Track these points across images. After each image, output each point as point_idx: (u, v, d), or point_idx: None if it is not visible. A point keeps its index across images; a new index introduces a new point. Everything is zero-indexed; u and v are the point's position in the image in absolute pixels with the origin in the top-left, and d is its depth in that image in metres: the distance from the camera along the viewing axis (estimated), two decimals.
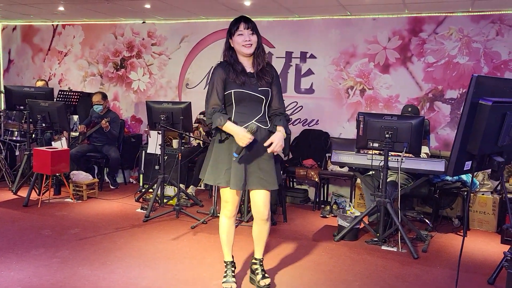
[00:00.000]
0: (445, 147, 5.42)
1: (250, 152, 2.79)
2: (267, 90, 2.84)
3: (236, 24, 2.79)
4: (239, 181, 2.77)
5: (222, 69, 2.81)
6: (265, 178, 2.81)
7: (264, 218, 2.93)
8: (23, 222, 4.33)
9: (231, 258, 3.05)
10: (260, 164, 2.81)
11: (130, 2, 5.72)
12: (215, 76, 2.81)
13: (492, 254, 4.01)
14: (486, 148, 1.98)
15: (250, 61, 2.85)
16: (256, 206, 2.93)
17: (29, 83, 7.52)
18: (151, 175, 5.84)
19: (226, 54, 2.85)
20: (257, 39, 2.80)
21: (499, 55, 5.23)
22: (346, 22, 5.87)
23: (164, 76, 6.93)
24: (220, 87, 2.79)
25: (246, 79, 2.80)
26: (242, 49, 2.79)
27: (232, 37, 2.81)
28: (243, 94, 2.78)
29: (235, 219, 3.04)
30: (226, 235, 2.99)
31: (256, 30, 2.81)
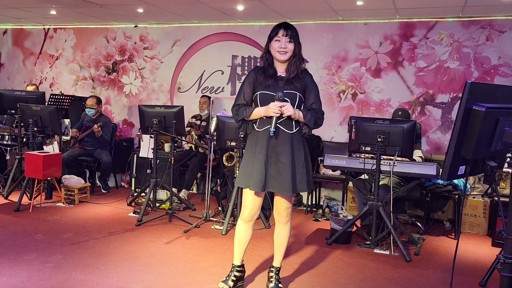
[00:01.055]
0: (436, 150, 5.48)
1: (272, 156, 2.81)
2: (294, 94, 2.81)
3: (276, 30, 2.82)
4: (258, 182, 2.79)
5: (254, 73, 2.88)
6: (281, 183, 2.81)
7: (284, 221, 2.97)
8: (14, 227, 4.29)
9: (239, 262, 3.04)
10: (279, 169, 2.81)
11: (122, 6, 5.71)
12: (246, 79, 2.90)
13: (483, 257, 4.06)
14: (479, 153, 2.01)
15: (285, 66, 2.87)
16: (277, 209, 2.97)
17: (20, 87, 7.46)
18: (143, 179, 5.82)
19: (264, 57, 2.89)
20: (293, 47, 2.82)
21: (489, 60, 5.31)
22: (338, 26, 5.91)
23: (156, 80, 6.92)
24: (248, 89, 2.87)
25: (273, 82, 2.82)
26: (276, 55, 2.82)
27: (271, 42, 2.84)
28: (267, 96, 2.80)
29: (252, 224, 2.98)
30: (239, 239, 2.99)
31: (295, 38, 2.83)
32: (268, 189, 2.84)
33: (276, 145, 2.81)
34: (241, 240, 2.99)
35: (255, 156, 2.83)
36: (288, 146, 2.81)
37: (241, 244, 3.00)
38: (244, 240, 2.99)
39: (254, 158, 2.83)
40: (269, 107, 2.73)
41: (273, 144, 2.81)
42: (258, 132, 2.85)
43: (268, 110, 2.74)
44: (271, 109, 2.72)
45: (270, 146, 2.81)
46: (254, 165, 2.81)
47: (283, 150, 2.80)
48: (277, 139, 2.79)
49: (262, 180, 2.79)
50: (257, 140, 2.85)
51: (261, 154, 2.81)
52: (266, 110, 2.75)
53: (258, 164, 2.80)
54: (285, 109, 2.71)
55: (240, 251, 3.02)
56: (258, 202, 2.93)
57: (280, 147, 2.80)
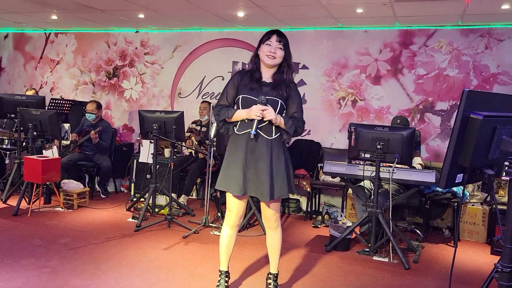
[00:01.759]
0: (435, 158, 5.48)
1: (251, 161, 2.81)
2: (277, 101, 2.81)
3: (269, 35, 2.82)
4: (237, 186, 2.79)
5: (239, 75, 2.88)
6: (260, 188, 2.80)
7: (273, 226, 2.96)
8: (12, 232, 4.28)
9: (226, 268, 3.04)
10: (258, 174, 2.81)
11: (124, 12, 5.74)
12: (231, 80, 2.90)
13: (482, 265, 4.05)
14: (477, 161, 2.01)
15: (271, 72, 2.88)
16: (265, 214, 2.96)
17: (20, 91, 7.47)
18: (142, 184, 5.82)
19: (252, 60, 2.90)
20: (283, 54, 2.82)
21: (488, 68, 5.33)
22: (338, 34, 5.94)
23: (157, 85, 6.94)
24: (232, 91, 2.87)
25: (258, 86, 2.82)
26: (264, 58, 2.82)
27: (261, 45, 2.84)
28: (249, 100, 2.79)
29: (238, 229, 3.01)
30: (225, 244, 2.98)
31: (286, 46, 2.83)
32: (248, 193, 2.84)
33: (255, 149, 2.80)
34: (228, 246, 2.98)
35: (235, 159, 2.83)
36: (267, 151, 2.79)
37: (228, 249, 2.99)
38: (231, 245, 2.99)
39: (234, 161, 2.83)
40: (251, 109, 2.73)
41: (252, 148, 2.80)
42: (238, 135, 2.85)
43: (250, 112, 2.74)
44: (253, 112, 2.71)
45: (249, 151, 2.80)
46: (235, 169, 2.81)
47: (261, 156, 2.79)
48: (256, 144, 2.78)
49: (241, 184, 2.78)
50: (236, 144, 2.84)
51: (240, 158, 2.80)
52: (248, 112, 2.75)
53: (237, 168, 2.80)
54: (266, 113, 2.71)
55: (227, 256, 3.02)
56: (243, 206, 2.94)
57: (258, 152, 2.80)
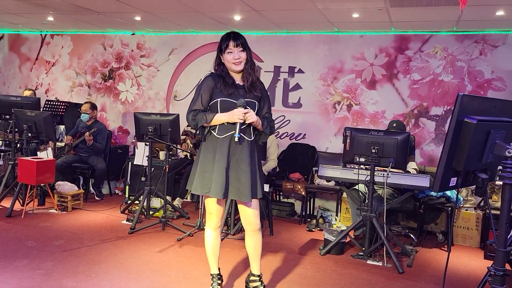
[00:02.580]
0: (430, 162, 5.51)
1: (235, 162, 2.82)
2: (254, 103, 2.87)
3: (226, 42, 2.82)
4: (219, 189, 2.79)
5: (212, 79, 2.86)
6: (241, 189, 2.82)
7: (255, 228, 2.96)
8: (6, 233, 4.25)
9: (217, 270, 3.05)
10: (239, 175, 2.83)
11: (120, 14, 5.74)
12: (203, 85, 2.87)
13: (475, 269, 4.06)
14: (470, 165, 2.03)
15: (240, 75, 2.90)
16: (246, 216, 2.95)
17: (15, 92, 7.45)
18: (137, 187, 5.81)
19: (217, 69, 2.89)
20: (246, 55, 2.84)
21: (482, 74, 5.37)
22: (334, 38, 5.97)
23: (153, 88, 6.93)
24: (206, 95, 2.85)
25: (234, 90, 2.84)
26: (232, 66, 2.84)
27: (223, 54, 2.84)
28: (229, 103, 2.81)
29: (221, 231, 3.04)
30: (212, 247, 2.99)
31: (245, 46, 2.85)
32: (229, 196, 2.84)
33: (236, 152, 2.82)
34: (214, 249, 3.00)
35: (215, 163, 2.82)
36: (247, 153, 2.84)
37: (214, 252, 3.00)
38: (217, 247, 3.01)
39: (213, 165, 2.82)
40: (234, 113, 2.74)
41: (233, 151, 2.82)
42: (218, 139, 2.84)
43: (232, 116, 2.75)
44: (235, 115, 2.73)
45: (231, 153, 2.82)
46: (214, 172, 2.80)
47: (242, 157, 2.82)
48: (237, 146, 2.80)
49: (223, 187, 2.79)
50: (215, 147, 2.83)
51: (222, 161, 2.80)
52: (230, 116, 2.76)
53: (219, 171, 2.80)
54: (248, 115, 2.74)
55: (216, 259, 3.03)
56: (223, 208, 2.97)
57: (239, 154, 2.82)
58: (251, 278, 3.09)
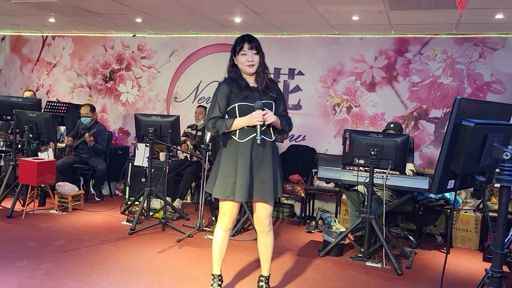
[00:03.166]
0: (429, 165, 5.53)
1: (258, 164, 2.85)
2: (271, 103, 2.88)
3: (241, 44, 2.84)
4: (244, 193, 2.81)
5: (226, 85, 2.89)
6: (264, 190, 2.85)
7: (266, 230, 2.99)
8: (6, 233, 4.27)
9: (219, 271, 3.06)
10: (262, 176, 2.85)
11: (121, 16, 5.77)
12: (218, 92, 2.89)
13: (474, 272, 4.08)
14: (468, 168, 2.05)
15: (253, 78, 2.92)
16: (258, 218, 2.99)
17: (16, 93, 7.47)
18: (137, 188, 5.82)
19: (230, 71, 2.92)
20: (259, 59, 2.87)
21: (481, 77, 5.39)
22: (334, 40, 5.99)
23: (153, 89, 6.96)
24: (222, 102, 2.87)
25: (250, 93, 2.86)
26: (245, 69, 2.87)
27: (236, 56, 2.87)
28: (247, 107, 2.83)
29: (230, 233, 3.05)
30: (219, 247, 3.00)
31: (259, 49, 2.87)
32: (253, 198, 2.87)
33: (258, 154, 2.84)
34: (221, 249, 3.01)
35: (238, 167, 2.83)
36: (269, 153, 2.87)
37: (221, 252, 3.02)
38: (224, 248, 3.02)
39: (236, 169, 2.84)
40: (252, 116, 2.76)
41: (255, 153, 2.84)
42: (239, 143, 2.85)
43: (251, 119, 2.77)
44: (255, 118, 2.75)
45: (253, 156, 2.84)
46: (238, 176, 2.82)
47: (265, 158, 2.85)
48: (259, 148, 2.82)
49: (247, 190, 2.81)
50: (237, 151, 2.85)
51: (246, 164, 2.82)
52: (249, 119, 2.78)
53: (243, 174, 2.81)
54: (267, 116, 2.76)
55: (220, 260, 3.04)
56: (237, 209, 2.97)
57: (261, 156, 2.85)
58: (260, 278, 3.14)
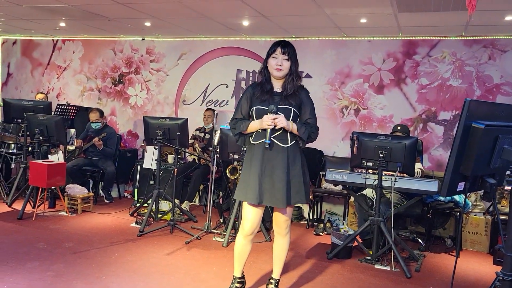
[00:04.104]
0: (438, 167, 5.50)
1: (267, 169, 2.85)
2: (289, 109, 2.87)
3: (274, 47, 2.89)
4: (254, 195, 2.83)
5: (252, 88, 2.96)
6: (276, 195, 2.85)
7: (283, 233, 3.00)
8: (17, 235, 4.31)
9: (239, 274, 3.08)
10: (274, 181, 2.85)
11: (131, 20, 5.81)
12: (244, 94, 2.98)
13: (484, 275, 4.04)
14: (478, 170, 2.04)
15: (281, 83, 2.94)
16: (277, 220, 3.01)
17: (27, 97, 7.55)
18: (146, 190, 5.85)
19: (262, 72, 2.97)
20: (290, 65, 2.88)
21: (491, 79, 5.36)
22: (342, 43, 5.99)
23: (162, 92, 7.00)
24: (245, 104, 2.94)
25: (269, 97, 2.88)
26: (273, 72, 2.90)
27: (269, 58, 2.91)
28: (262, 110, 2.86)
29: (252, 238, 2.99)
30: (239, 252, 3.01)
31: (292, 56, 2.88)
32: (264, 202, 2.87)
33: (271, 158, 2.85)
34: (241, 254, 3.01)
35: (251, 169, 2.88)
36: (284, 159, 2.85)
37: (241, 257, 3.03)
38: (244, 254, 3.01)
39: (250, 171, 2.88)
40: (263, 119, 2.80)
41: (268, 157, 2.85)
42: (254, 145, 2.91)
43: (262, 123, 2.81)
44: (264, 122, 2.78)
45: (265, 159, 2.85)
46: (251, 178, 2.86)
47: (278, 164, 2.85)
48: (272, 152, 2.83)
49: (257, 193, 2.83)
50: (253, 153, 2.91)
51: (256, 167, 2.85)
52: (260, 123, 2.82)
53: (253, 177, 2.85)
54: (277, 120, 2.77)
55: (240, 264, 3.05)
56: (258, 216, 2.95)
57: (275, 161, 2.85)
58: (269, 280, 3.15)
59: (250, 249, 3.02)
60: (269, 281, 3.15)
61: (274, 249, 3.09)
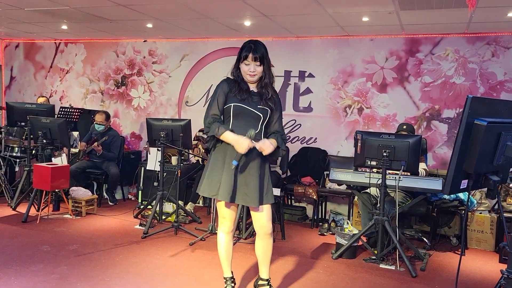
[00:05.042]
0: (442, 165, 5.47)
1: (241, 167, 2.84)
2: (266, 110, 2.89)
3: (246, 52, 2.83)
4: (226, 193, 2.82)
5: (227, 84, 2.91)
6: (249, 194, 2.84)
7: (268, 232, 2.96)
8: (21, 238, 4.33)
9: (230, 273, 3.07)
10: (247, 180, 2.85)
11: (132, 22, 5.82)
12: (218, 89, 2.91)
13: (490, 273, 4.02)
14: (481, 167, 2.02)
15: (255, 84, 2.93)
16: (258, 220, 2.97)
17: (30, 100, 7.58)
18: (150, 192, 5.86)
19: (234, 73, 2.94)
20: (262, 69, 2.86)
21: (494, 76, 5.32)
22: (344, 42, 5.97)
23: (164, 94, 7.00)
24: (221, 99, 2.88)
25: (248, 96, 2.87)
26: (247, 77, 2.88)
27: (241, 62, 2.88)
28: (241, 108, 2.85)
29: (233, 235, 3.06)
30: (225, 250, 3.01)
31: (264, 60, 2.85)
32: (236, 201, 2.85)
33: (246, 157, 2.83)
34: (227, 251, 3.02)
35: (224, 166, 2.85)
36: (258, 159, 2.86)
37: (228, 255, 3.03)
38: (230, 250, 3.03)
39: (223, 168, 2.85)
40: (240, 144, 2.73)
41: (244, 155, 2.81)
42: (229, 144, 2.84)
43: (237, 144, 2.74)
44: (241, 148, 2.73)
45: (242, 158, 2.81)
46: (224, 176, 2.84)
47: (252, 163, 2.85)
48: (247, 153, 2.79)
49: (230, 190, 2.81)
50: (226, 151, 2.86)
51: (230, 165, 2.81)
52: (236, 143, 2.75)
53: (227, 174, 2.83)
54: (266, 147, 2.79)
55: (228, 262, 3.05)
56: (235, 211, 2.99)
57: (249, 159, 2.85)
58: (259, 282, 3.09)
59: (233, 245, 3.06)
60: (259, 283, 3.08)
61: (257, 250, 3.02)
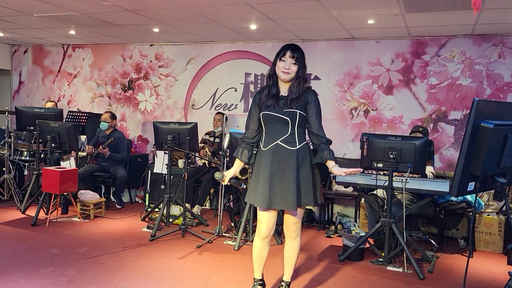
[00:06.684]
0: (449, 167, 5.45)
1: (276, 173, 2.88)
2: (294, 112, 2.88)
3: (284, 50, 2.91)
4: (263, 199, 2.87)
5: (258, 94, 3.01)
6: (286, 198, 2.87)
7: (292, 236, 3.02)
8: (31, 241, 4.37)
9: (259, 276, 3.12)
10: (284, 185, 2.87)
11: (139, 26, 5.87)
12: (253, 102, 3.05)
13: (498, 275, 4.00)
14: (488, 169, 2.03)
15: (287, 86, 2.95)
16: (286, 223, 3.03)
17: (38, 104, 7.64)
18: (157, 195, 5.89)
19: (269, 76, 2.99)
20: (297, 69, 2.89)
21: (501, 77, 5.31)
22: (350, 44, 5.98)
23: (171, 97, 7.04)
24: (255, 111, 3.01)
25: (274, 102, 2.91)
26: (280, 74, 2.92)
27: (277, 61, 2.93)
28: (268, 116, 2.91)
29: (269, 240, 3.05)
30: (257, 255, 3.06)
31: (300, 61, 2.90)
32: (273, 206, 2.89)
33: (280, 162, 2.88)
34: (259, 257, 3.06)
35: (259, 174, 2.92)
36: (293, 162, 2.87)
37: (259, 260, 3.07)
38: (262, 256, 3.06)
39: (258, 176, 2.92)
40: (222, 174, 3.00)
41: (277, 161, 2.88)
42: (263, 151, 2.95)
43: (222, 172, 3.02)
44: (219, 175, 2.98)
45: (274, 163, 2.88)
46: (259, 183, 2.90)
47: (287, 167, 2.87)
48: (281, 156, 2.87)
49: (266, 197, 2.85)
50: (261, 158, 2.94)
51: (265, 172, 2.89)
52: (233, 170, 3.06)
53: (262, 181, 2.89)
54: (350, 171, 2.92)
55: (259, 266, 3.09)
56: (272, 218, 2.99)
57: (284, 164, 2.87)
58: (280, 283, 3.17)
59: (268, 251, 3.07)
60: (280, 283, 3.17)
61: (285, 252, 3.11)
